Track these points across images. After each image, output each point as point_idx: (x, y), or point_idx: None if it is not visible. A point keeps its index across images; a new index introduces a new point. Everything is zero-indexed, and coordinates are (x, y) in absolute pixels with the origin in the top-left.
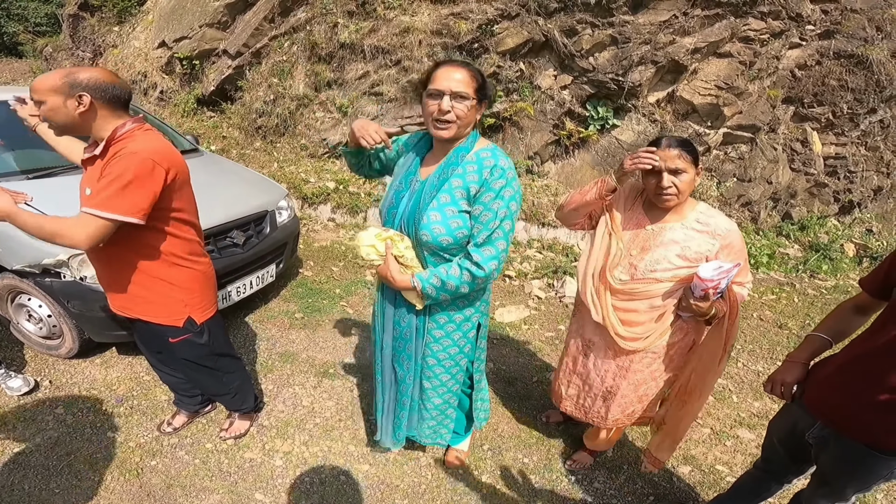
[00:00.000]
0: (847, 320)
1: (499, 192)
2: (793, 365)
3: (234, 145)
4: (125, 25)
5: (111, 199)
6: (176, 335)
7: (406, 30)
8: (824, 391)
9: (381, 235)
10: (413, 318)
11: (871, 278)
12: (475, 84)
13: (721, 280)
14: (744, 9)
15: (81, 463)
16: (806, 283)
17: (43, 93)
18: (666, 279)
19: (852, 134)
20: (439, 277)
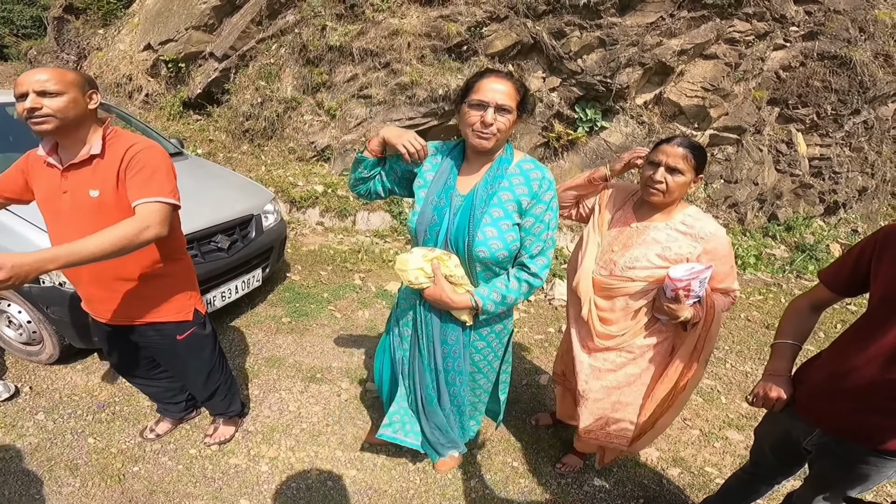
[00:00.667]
0: (805, 321)
1: (549, 204)
2: (779, 378)
3: (220, 149)
4: (110, 28)
5: (164, 186)
6: (184, 330)
7: (395, 32)
8: (822, 400)
9: (427, 256)
10: (460, 333)
11: (833, 276)
12: (518, 97)
13: (692, 281)
14: (729, 10)
15: (62, 469)
16: (793, 284)
17: (66, 84)
18: (640, 278)
19: (836, 135)
20: (499, 292)
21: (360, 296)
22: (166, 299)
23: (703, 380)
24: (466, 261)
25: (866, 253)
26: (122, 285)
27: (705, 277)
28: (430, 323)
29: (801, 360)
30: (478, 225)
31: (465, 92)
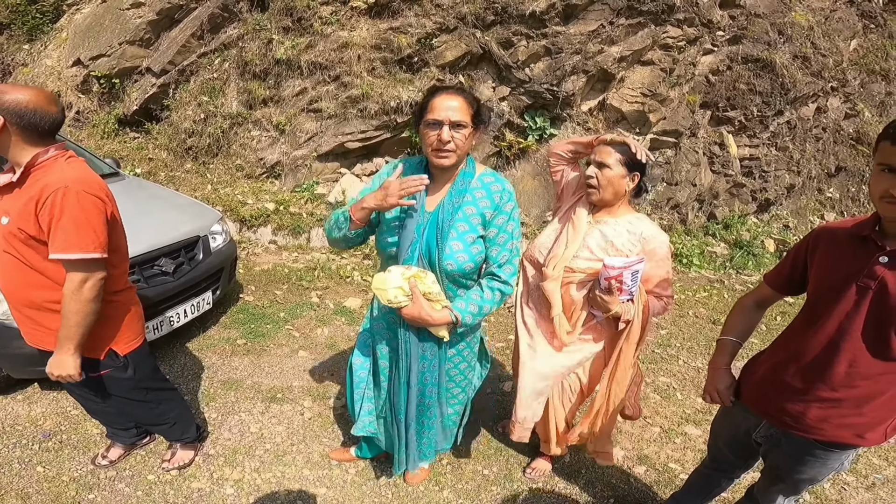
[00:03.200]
0: (749, 318)
1: (510, 214)
2: (719, 371)
3: (161, 167)
4: (36, 43)
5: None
6: (96, 370)
7: (345, 45)
8: (766, 392)
9: (405, 275)
10: (436, 347)
11: (775, 276)
12: (471, 111)
13: (624, 271)
14: (662, 17)
15: (14, 498)
16: (734, 280)
17: None
18: (581, 269)
19: (763, 136)
20: (476, 304)
21: (318, 313)
22: None
23: (659, 377)
24: (438, 274)
25: (801, 253)
26: (33, 313)
27: (637, 270)
28: (409, 341)
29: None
30: (445, 239)
31: (421, 112)
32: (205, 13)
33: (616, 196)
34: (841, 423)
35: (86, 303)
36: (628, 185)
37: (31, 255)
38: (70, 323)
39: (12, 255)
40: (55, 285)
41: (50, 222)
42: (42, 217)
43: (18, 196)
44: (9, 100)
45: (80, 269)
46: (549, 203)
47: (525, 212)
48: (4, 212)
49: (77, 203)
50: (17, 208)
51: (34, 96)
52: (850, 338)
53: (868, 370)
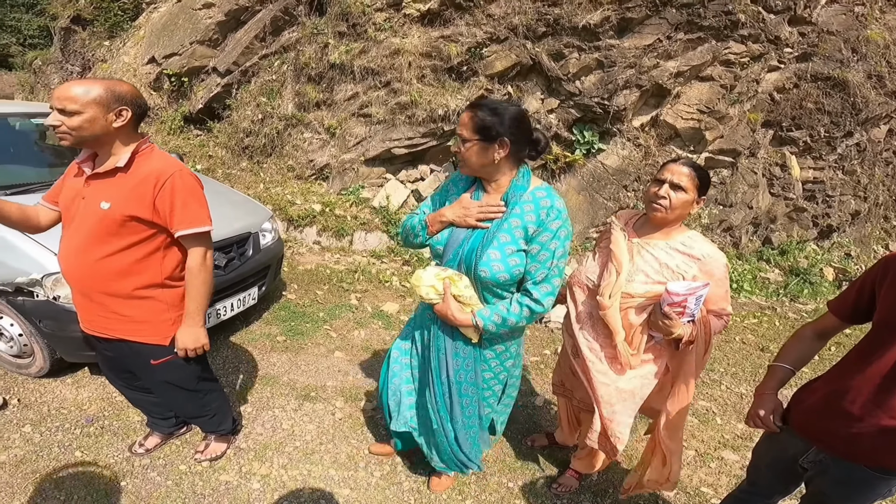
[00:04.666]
0: (807, 347)
1: (556, 233)
2: (766, 397)
3: (219, 165)
4: (116, 40)
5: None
6: (159, 356)
7: (396, 51)
8: (819, 418)
9: (440, 275)
10: (470, 348)
11: (840, 304)
12: (472, 125)
13: (689, 297)
14: (725, 32)
15: (47, 482)
16: (787, 307)
17: (84, 104)
18: (638, 293)
19: (829, 158)
20: (500, 315)
21: (356, 316)
22: (146, 321)
23: (699, 401)
24: (474, 282)
25: (869, 281)
26: (108, 300)
27: (702, 295)
28: (442, 338)
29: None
30: (485, 247)
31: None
32: (268, 16)
33: (679, 219)
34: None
35: (210, 273)
36: (694, 208)
37: (122, 240)
38: (199, 294)
39: (103, 241)
40: (139, 270)
41: (173, 202)
42: (162, 198)
43: (123, 181)
44: (125, 91)
45: (203, 242)
46: (592, 219)
47: None
48: (103, 198)
49: (194, 183)
50: (122, 193)
51: (133, 87)
52: None
53: None
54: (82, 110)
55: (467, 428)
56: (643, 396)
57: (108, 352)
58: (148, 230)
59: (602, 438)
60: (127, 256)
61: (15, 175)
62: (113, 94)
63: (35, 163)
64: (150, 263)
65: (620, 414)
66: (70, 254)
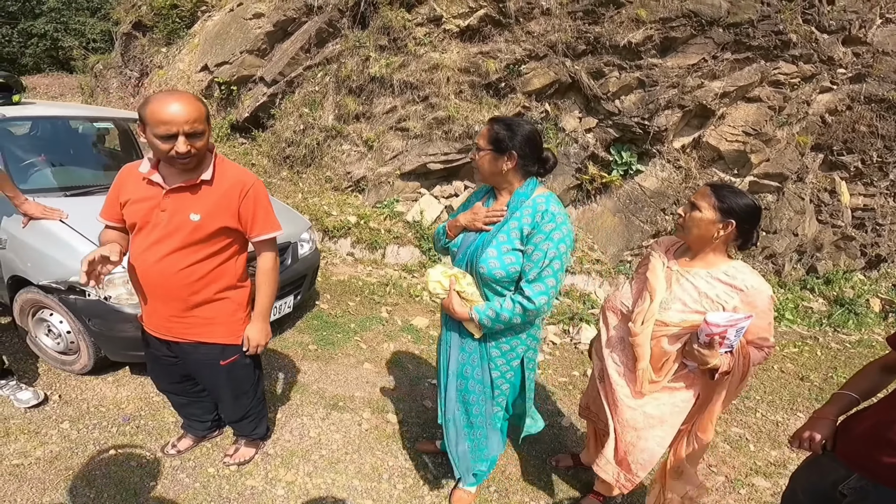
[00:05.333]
0: (875, 380)
1: (548, 235)
2: (823, 421)
3: (261, 173)
4: (172, 47)
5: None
6: (228, 356)
7: (435, 66)
8: (864, 446)
9: (446, 273)
10: (475, 344)
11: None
12: (488, 136)
13: (729, 328)
14: (775, 52)
15: (79, 479)
16: (829, 337)
17: (206, 123)
18: (674, 322)
19: (881, 184)
20: (494, 310)
21: (386, 328)
22: (220, 322)
23: (732, 427)
24: (476, 279)
25: None
26: (189, 305)
27: (743, 327)
28: (451, 333)
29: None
30: (485, 246)
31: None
32: (313, 27)
33: (701, 241)
34: None
35: (278, 273)
36: (719, 232)
37: (208, 248)
38: (270, 293)
39: (191, 251)
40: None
41: (255, 211)
42: (246, 206)
43: (209, 193)
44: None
45: (273, 246)
46: (627, 242)
47: (602, 249)
48: (192, 210)
49: (266, 191)
50: (210, 205)
51: None
52: None
53: None
54: (205, 130)
55: (475, 428)
56: (675, 425)
57: (170, 356)
58: (230, 237)
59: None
60: (211, 263)
61: (76, 177)
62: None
63: (94, 166)
64: (228, 267)
65: (646, 440)
66: (152, 263)
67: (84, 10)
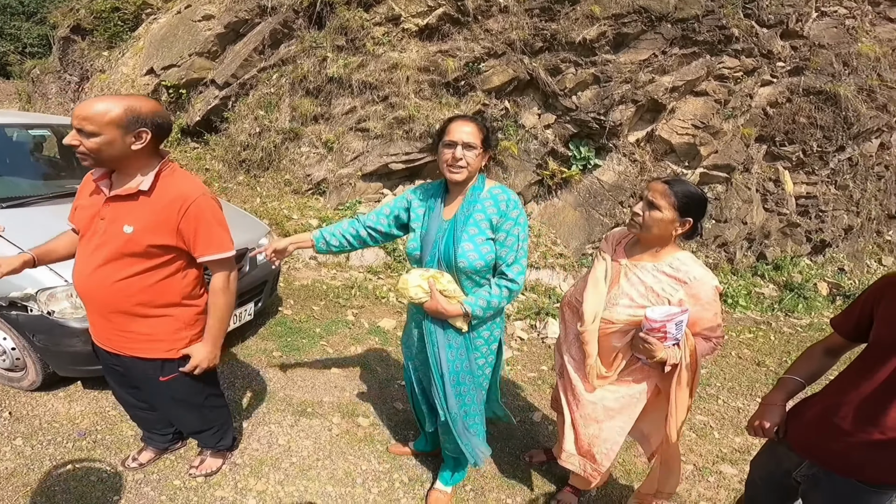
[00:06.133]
0: (818, 363)
1: (516, 220)
2: (772, 407)
3: (216, 178)
4: (115, 51)
5: (224, 239)
6: (167, 373)
7: (394, 66)
8: (812, 432)
9: (423, 275)
10: (461, 338)
11: (843, 320)
12: (481, 136)
13: (667, 323)
14: (719, 47)
15: (39, 495)
16: (782, 322)
17: (102, 125)
18: (620, 320)
19: (822, 172)
20: (485, 299)
21: (352, 332)
22: (160, 339)
23: (697, 415)
24: (454, 274)
25: (869, 300)
26: (125, 319)
27: (681, 321)
28: (434, 332)
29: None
30: (458, 242)
31: (440, 135)
32: (267, 28)
33: (660, 240)
34: (886, 465)
35: (233, 295)
36: (677, 230)
37: (143, 263)
38: (222, 316)
39: (124, 263)
40: (158, 291)
41: (196, 228)
42: (186, 224)
43: (146, 205)
44: (146, 111)
45: (227, 266)
46: (589, 235)
47: (564, 243)
48: (126, 221)
49: (216, 207)
50: (145, 218)
51: (156, 105)
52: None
53: None
54: (100, 132)
55: (469, 416)
56: (633, 415)
57: (117, 367)
58: (170, 254)
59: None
60: (148, 278)
61: (11, 187)
62: (132, 116)
63: (31, 175)
64: (169, 284)
65: (608, 431)
66: (87, 273)
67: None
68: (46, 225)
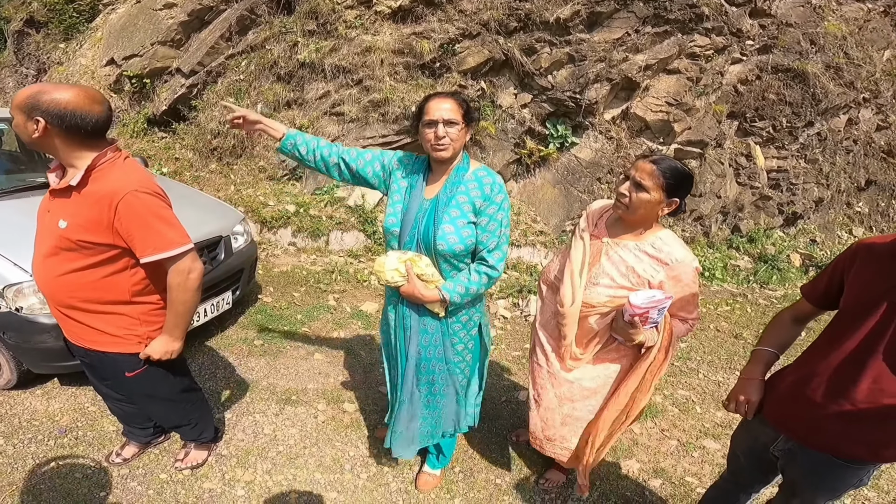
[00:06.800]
0: (787, 331)
1: (500, 205)
2: (751, 382)
3: (187, 167)
4: (72, 42)
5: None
6: (133, 367)
7: (368, 49)
8: (786, 406)
9: (401, 258)
10: (436, 323)
11: (811, 288)
12: (462, 111)
13: (651, 310)
14: (690, 25)
15: (25, 494)
16: (757, 294)
17: (13, 108)
18: (601, 303)
19: (792, 147)
20: (463, 285)
21: (334, 317)
22: (116, 335)
23: (678, 390)
24: (433, 257)
25: (839, 267)
26: (75, 313)
27: (664, 307)
28: (409, 317)
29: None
30: (439, 223)
31: (418, 116)
32: (233, 15)
33: (645, 220)
34: (859, 438)
35: (193, 292)
36: (663, 210)
37: (83, 260)
38: (179, 311)
39: (63, 258)
40: (103, 288)
41: (129, 226)
42: (119, 222)
43: (79, 201)
44: (46, 100)
45: (181, 263)
46: (568, 212)
47: (544, 220)
48: (62, 216)
49: (153, 202)
50: (79, 213)
51: (74, 96)
52: (874, 355)
53: (892, 388)
54: (13, 115)
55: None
56: (604, 394)
57: (86, 360)
58: (110, 251)
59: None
60: (90, 275)
61: None
62: (31, 103)
63: None
64: (115, 282)
65: (581, 410)
66: (36, 266)
67: None
68: (11, 220)
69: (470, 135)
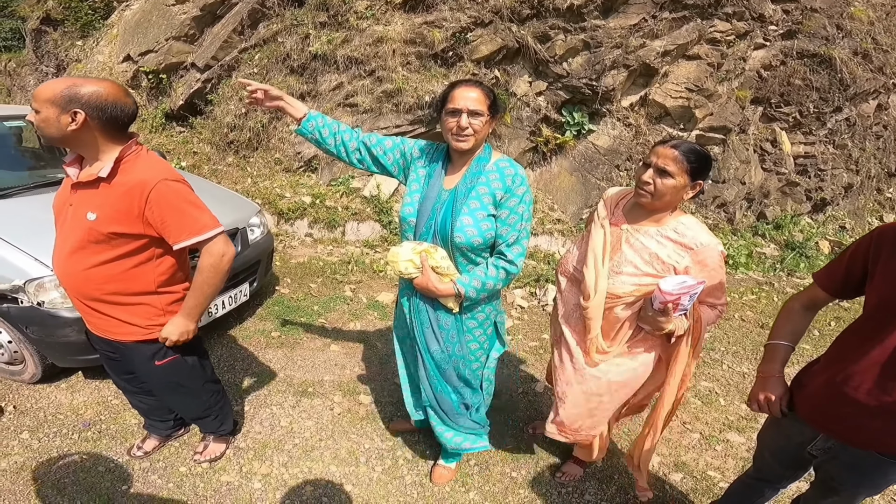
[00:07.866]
0: (799, 320)
1: (521, 198)
2: (772, 380)
3: (205, 161)
4: (89, 40)
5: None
6: (162, 357)
7: (380, 39)
8: (823, 405)
9: (416, 249)
10: (451, 319)
11: (827, 276)
12: (488, 101)
13: (682, 296)
14: (709, 10)
15: (49, 488)
16: (784, 282)
17: (41, 102)
18: (626, 292)
19: (820, 133)
20: (479, 280)
21: (350, 307)
22: (141, 325)
23: (702, 381)
24: (449, 249)
25: (860, 254)
26: (101, 305)
27: (696, 293)
28: (424, 310)
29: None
30: (457, 215)
31: (443, 102)
32: (245, 9)
33: (669, 206)
34: None
35: (223, 274)
36: (688, 194)
37: (111, 251)
38: (206, 293)
39: (91, 251)
40: (129, 279)
41: (163, 214)
42: (151, 211)
43: (108, 192)
44: (87, 92)
45: (215, 246)
46: (586, 200)
47: (562, 209)
48: (89, 208)
49: (183, 189)
50: (108, 204)
51: (110, 87)
52: None
53: None
54: (39, 109)
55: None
56: (634, 387)
57: (109, 352)
58: (139, 241)
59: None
60: (117, 266)
61: None
62: (69, 95)
63: (13, 166)
64: (142, 272)
65: (608, 404)
66: (61, 261)
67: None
68: (32, 215)
69: (493, 126)
